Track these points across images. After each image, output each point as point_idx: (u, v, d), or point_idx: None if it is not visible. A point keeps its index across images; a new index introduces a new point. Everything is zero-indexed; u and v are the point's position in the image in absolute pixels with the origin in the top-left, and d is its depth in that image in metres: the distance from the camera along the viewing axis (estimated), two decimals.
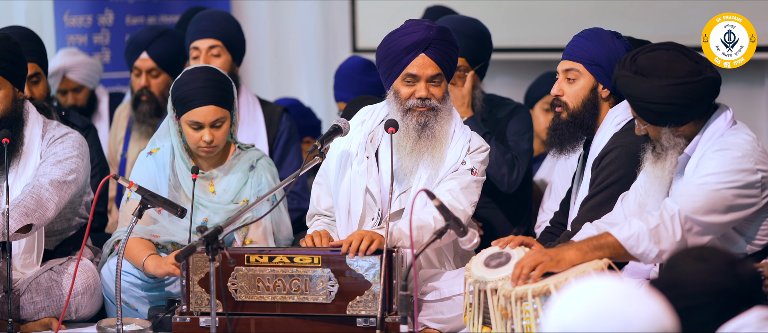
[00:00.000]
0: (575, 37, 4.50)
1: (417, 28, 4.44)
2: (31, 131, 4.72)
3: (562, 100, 4.46)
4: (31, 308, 4.63)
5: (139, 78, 6.06)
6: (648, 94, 3.92)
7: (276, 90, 8.01)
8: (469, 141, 4.49)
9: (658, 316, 2.52)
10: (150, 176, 4.72)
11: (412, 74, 4.42)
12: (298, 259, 4.18)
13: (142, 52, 6.05)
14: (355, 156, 4.51)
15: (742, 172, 3.86)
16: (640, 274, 4.23)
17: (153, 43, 6.05)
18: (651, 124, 4.00)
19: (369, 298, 4.16)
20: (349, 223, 4.49)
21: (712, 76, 3.93)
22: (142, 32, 6.18)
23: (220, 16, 5.79)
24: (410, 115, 4.43)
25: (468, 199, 4.41)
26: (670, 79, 3.90)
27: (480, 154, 4.50)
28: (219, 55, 5.61)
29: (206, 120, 4.59)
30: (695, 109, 3.95)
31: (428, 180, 4.43)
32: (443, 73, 4.45)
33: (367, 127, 4.56)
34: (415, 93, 4.42)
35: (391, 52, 4.44)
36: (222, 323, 4.09)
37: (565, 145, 4.47)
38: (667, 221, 3.81)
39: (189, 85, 4.60)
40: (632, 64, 3.97)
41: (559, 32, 5.98)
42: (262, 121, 5.70)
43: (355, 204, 4.48)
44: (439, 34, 4.43)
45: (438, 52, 4.42)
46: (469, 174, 4.45)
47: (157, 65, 6.04)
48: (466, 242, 4.42)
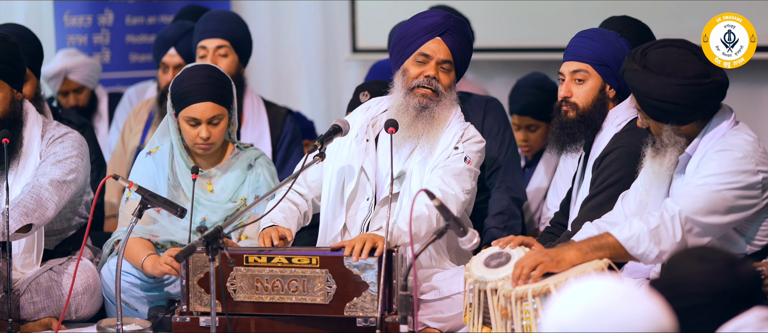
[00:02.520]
0: (579, 38, 4.48)
1: (437, 13, 4.56)
2: (31, 131, 4.71)
3: (571, 102, 4.43)
4: (31, 308, 4.63)
5: (166, 74, 6.07)
6: (654, 90, 3.91)
7: (276, 90, 8.01)
8: (464, 129, 4.51)
9: (657, 316, 2.52)
10: (149, 176, 4.73)
11: (424, 54, 4.49)
12: (297, 259, 4.18)
13: (170, 48, 6.07)
14: (355, 136, 4.52)
15: (743, 173, 3.86)
16: (639, 273, 4.23)
17: (181, 39, 6.07)
18: (653, 120, 4.00)
19: (366, 299, 4.16)
20: (341, 202, 4.49)
21: (720, 80, 3.93)
22: (171, 28, 6.20)
23: (229, 16, 5.82)
24: (413, 95, 4.48)
25: (460, 186, 4.41)
26: (677, 78, 3.90)
27: (475, 144, 4.51)
28: (226, 55, 5.63)
29: (203, 116, 4.59)
30: (700, 110, 3.94)
31: (421, 162, 4.45)
32: (454, 63, 4.50)
33: (372, 113, 4.62)
34: (424, 72, 4.48)
35: (408, 32, 4.52)
36: (222, 323, 4.09)
37: (572, 144, 4.46)
38: (667, 222, 3.81)
39: (187, 82, 4.61)
40: (642, 58, 3.96)
41: (559, 32, 5.98)
42: (267, 122, 5.72)
43: (349, 182, 4.49)
44: (458, 24, 4.53)
45: (453, 41, 4.50)
46: (463, 162, 4.45)
47: (184, 61, 6.05)
48: (466, 242, 4.42)
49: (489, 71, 7.46)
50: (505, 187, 4.99)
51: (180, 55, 6.05)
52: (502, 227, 4.94)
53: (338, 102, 7.93)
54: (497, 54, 7.41)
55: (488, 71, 7.46)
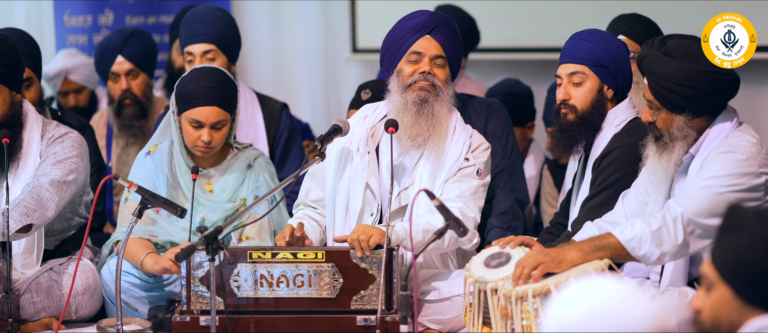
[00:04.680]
0: (574, 40, 4.47)
1: (423, 12, 4.56)
2: (31, 132, 4.71)
3: (570, 104, 4.42)
4: (31, 308, 4.63)
5: (117, 83, 6.00)
6: (677, 75, 3.91)
7: (276, 90, 8.00)
8: (470, 137, 4.50)
9: (658, 316, 2.52)
10: (148, 176, 4.73)
11: (416, 51, 4.48)
12: (302, 254, 4.18)
13: (116, 56, 6.00)
14: (356, 151, 4.51)
15: (745, 175, 3.86)
16: (639, 272, 4.23)
17: (126, 44, 6.00)
18: (667, 111, 3.98)
19: (374, 292, 4.16)
20: (347, 219, 4.49)
21: (736, 75, 3.96)
22: (113, 37, 6.12)
23: (212, 16, 5.54)
24: (410, 91, 4.46)
25: (476, 205, 4.43)
26: (700, 64, 3.91)
27: (483, 153, 4.50)
28: (214, 58, 5.42)
29: (208, 120, 4.59)
30: (715, 101, 3.94)
31: (430, 176, 4.43)
32: (447, 58, 4.50)
33: (369, 123, 4.58)
34: (418, 69, 4.47)
35: (397, 35, 4.52)
36: (222, 323, 4.09)
37: (572, 146, 4.45)
38: (669, 224, 3.80)
39: (195, 83, 4.60)
40: (662, 45, 3.96)
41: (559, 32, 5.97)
42: (262, 119, 5.62)
43: (354, 199, 4.48)
44: (445, 21, 4.53)
45: (443, 37, 4.49)
46: (476, 177, 4.45)
47: (134, 66, 6.01)
48: (466, 242, 4.42)
49: (489, 71, 7.46)
50: (510, 188, 4.99)
51: (128, 60, 5.99)
52: (506, 227, 4.94)
53: (338, 102, 7.92)
54: (497, 54, 7.41)
55: (488, 71, 7.46)
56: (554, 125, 4.50)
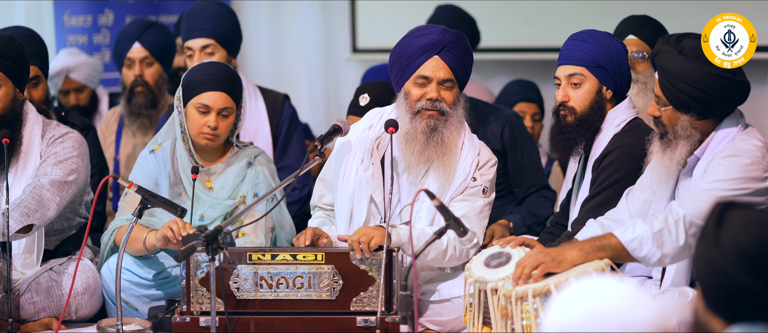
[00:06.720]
0: (572, 41, 4.45)
1: (432, 29, 4.43)
2: (31, 131, 4.72)
3: (569, 106, 4.41)
4: (31, 308, 4.63)
5: (131, 70, 6.01)
6: (688, 74, 3.91)
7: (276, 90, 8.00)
8: (478, 154, 4.46)
9: (658, 316, 2.52)
10: (151, 173, 4.74)
11: (424, 76, 4.38)
12: (301, 256, 4.18)
13: (134, 43, 6.03)
14: (361, 162, 4.49)
15: (750, 180, 3.85)
16: (639, 272, 4.23)
17: (145, 32, 6.03)
18: (673, 108, 3.98)
19: (373, 294, 4.16)
20: (350, 229, 4.47)
21: (748, 83, 3.96)
22: (132, 25, 6.16)
23: (211, 11, 5.58)
24: (419, 118, 4.38)
25: (480, 226, 4.41)
26: (713, 68, 3.91)
27: (489, 170, 4.47)
28: (213, 53, 5.47)
29: (215, 105, 4.60)
30: (722, 106, 3.94)
31: (437, 190, 4.39)
32: (456, 79, 4.41)
33: (374, 133, 4.52)
34: (426, 95, 4.38)
35: (405, 53, 4.41)
36: (222, 323, 4.09)
37: (572, 148, 4.45)
38: (671, 225, 3.80)
39: (203, 72, 4.65)
40: (677, 43, 3.96)
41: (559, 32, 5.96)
42: (265, 110, 5.65)
43: (358, 210, 4.45)
44: (455, 39, 4.40)
45: (452, 57, 4.38)
46: (481, 196, 4.42)
47: (150, 54, 6.02)
48: (466, 242, 4.42)
49: (489, 71, 7.46)
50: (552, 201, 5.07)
51: (145, 47, 6.00)
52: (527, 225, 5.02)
53: (338, 102, 7.92)
54: (497, 54, 7.40)
55: (488, 71, 7.46)
56: (553, 126, 4.50)
